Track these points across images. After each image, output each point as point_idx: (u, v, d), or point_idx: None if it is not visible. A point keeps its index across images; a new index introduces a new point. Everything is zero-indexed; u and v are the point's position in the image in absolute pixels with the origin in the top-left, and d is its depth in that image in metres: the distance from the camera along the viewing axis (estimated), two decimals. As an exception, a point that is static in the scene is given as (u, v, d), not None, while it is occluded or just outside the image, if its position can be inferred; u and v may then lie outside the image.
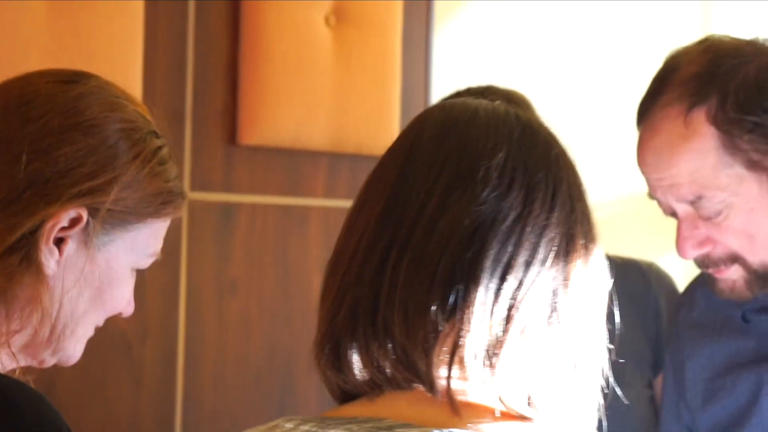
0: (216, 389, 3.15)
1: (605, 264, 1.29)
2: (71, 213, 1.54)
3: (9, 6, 3.04)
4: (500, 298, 1.17)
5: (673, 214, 2.01)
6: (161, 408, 3.22)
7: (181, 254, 3.38)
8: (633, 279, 2.53)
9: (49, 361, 1.63)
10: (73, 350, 1.64)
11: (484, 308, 1.17)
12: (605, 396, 2.41)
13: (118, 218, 1.58)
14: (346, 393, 1.25)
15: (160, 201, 1.61)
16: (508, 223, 1.19)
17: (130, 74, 3.20)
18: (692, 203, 1.96)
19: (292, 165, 3.45)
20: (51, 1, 3.09)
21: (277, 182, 3.45)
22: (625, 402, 2.34)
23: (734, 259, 1.99)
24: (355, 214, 1.25)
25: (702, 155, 1.92)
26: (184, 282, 3.39)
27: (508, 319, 1.18)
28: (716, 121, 1.89)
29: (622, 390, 2.31)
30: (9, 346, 1.55)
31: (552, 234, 1.20)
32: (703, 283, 2.13)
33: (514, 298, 1.18)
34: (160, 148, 1.60)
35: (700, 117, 1.89)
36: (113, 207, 1.56)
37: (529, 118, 1.28)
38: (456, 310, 1.17)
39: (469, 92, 2.47)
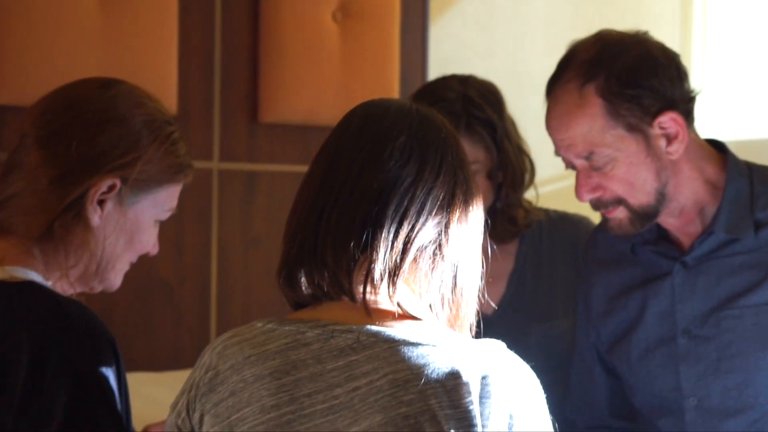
0: (244, 324, 3.40)
1: (480, 215, 1.64)
2: (108, 182, 1.88)
3: (68, 10, 3.36)
4: (398, 238, 1.53)
5: (573, 166, 2.26)
6: (198, 341, 3.43)
7: (213, 214, 3.60)
8: (568, 230, 2.71)
9: (97, 288, 1.96)
10: (114, 279, 1.97)
11: (387, 244, 1.53)
12: (545, 327, 2.67)
13: (143, 184, 1.92)
14: (298, 304, 1.60)
15: (173, 171, 1.95)
16: (405, 186, 1.55)
17: (168, 67, 3.42)
18: (586, 158, 2.22)
19: (305, 138, 3.66)
20: (103, 8, 3.40)
21: (292, 153, 3.66)
22: (557, 330, 2.66)
23: (619, 201, 2.23)
24: (305, 181, 1.61)
25: (592, 120, 2.19)
26: (215, 237, 3.62)
27: (404, 251, 1.53)
28: (603, 94, 2.17)
29: (557, 321, 2.63)
30: (68, 277, 1.90)
31: (437, 192, 1.56)
32: (603, 228, 2.38)
33: (407, 237, 1.53)
34: (172, 132, 1.94)
35: (590, 91, 2.18)
36: (138, 177, 1.90)
37: (428, 111, 1.64)
38: (368, 246, 1.53)
39: (454, 78, 2.67)
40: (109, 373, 1.77)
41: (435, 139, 1.60)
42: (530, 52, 2.44)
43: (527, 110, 3.20)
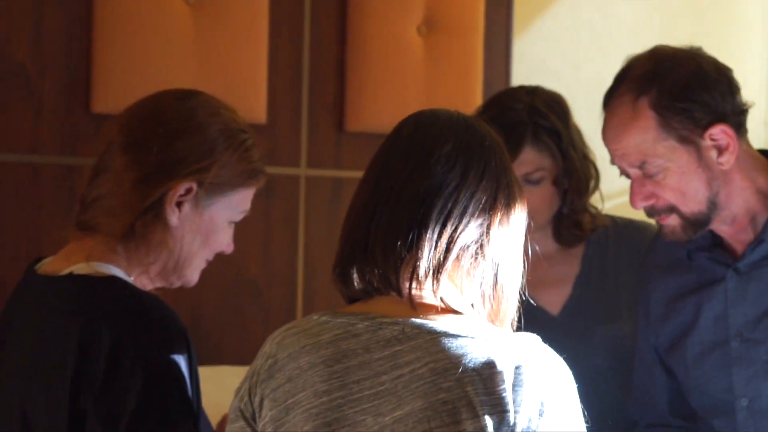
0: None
1: (523, 218, 1.74)
2: (186, 185, 1.99)
3: (163, 22, 3.50)
4: (442, 237, 1.64)
5: (627, 175, 2.34)
6: (285, 342, 3.59)
7: (299, 219, 3.71)
8: (634, 235, 2.75)
9: (176, 283, 2.07)
10: (191, 276, 2.08)
11: (431, 244, 1.63)
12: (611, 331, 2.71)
13: (217, 188, 2.02)
14: (350, 298, 1.72)
15: (246, 176, 2.05)
16: (449, 190, 1.65)
17: (258, 78, 3.56)
18: (639, 167, 2.29)
19: (389, 147, 3.83)
20: (195, 20, 3.54)
21: None
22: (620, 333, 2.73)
23: (671, 209, 2.30)
24: (359, 186, 1.73)
25: (644, 132, 2.27)
26: (302, 241, 3.73)
27: (447, 250, 1.64)
28: (655, 107, 2.25)
29: (620, 323, 2.70)
30: (148, 273, 2.02)
31: (480, 196, 1.66)
32: (663, 237, 2.42)
33: (451, 237, 1.64)
34: (246, 140, 2.04)
35: (644, 104, 2.26)
36: (213, 180, 2.00)
37: (475, 121, 1.74)
38: (414, 245, 1.64)
39: (522, 89, 2.75)
40: (181, 361, 1.87)
41: (479, 146, 1.70)
42: (615, 66, 2.50)
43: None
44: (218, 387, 2.27)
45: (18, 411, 1.95)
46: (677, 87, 2.27)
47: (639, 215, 2.68)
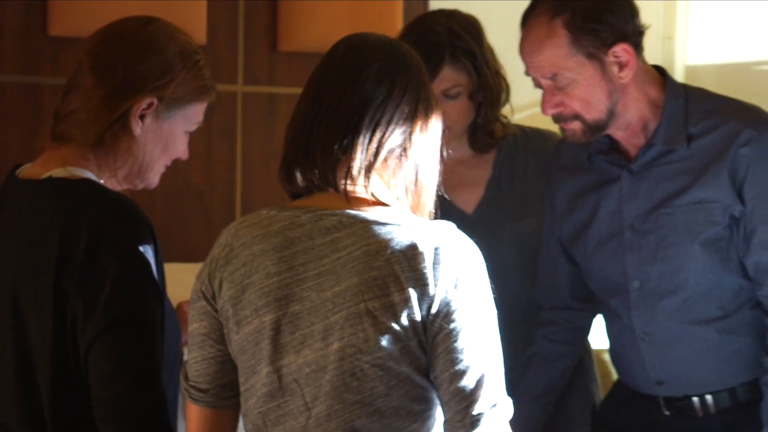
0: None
1: (439, 126, 1.93)
2: (148, 100, 2.14)
3: None
4: (372, 142, 1.84)
5: (540, 85, 2.49)
6: (225, 240, 3.73)
7: (237, 131, 3.87)
8: (540, 142, 2.91)
9: (139, 186, 2.23)
10: (153, 179, 2.24)
11: (363, 147, 1.83)
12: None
13: (175, 102, 2.18)
14: (295, 195, 1.91)
15: (200, 91, 2.21)
16: (378, 102, 1.85)
17: (197, 4, 3.65)
18: (551, 79, 2.45)
19: (319, 64, 3.95)
20: None
21: (307, 77, 3.96)
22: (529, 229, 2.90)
23: (576, 116, 2.47)
24: (300, 100, 1.91)
25: (557, 48, 2.43)
26: (240, 151, 3.88)
27: (376, 153, 1.84)
28: (568, 27, 2.41)
29: (527, 219, 2.91)
30: (116, 177, 2.18)
31: (403, 107, 1.86)
32: (565, 140, 2.60)
33: (379, 141, 1.84)
34: (199, 60, 2.20)
35: (558, 24, 2.42)
36: (172, 96, 2.16)
37: (398, 43, 1.93)
38: (348, 149, 1.84)
39: (441, 12, 2.88)
40: (149, 250, 2.04)
41: (403, 65, 1.90)
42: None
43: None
44: (168, 281, 2.44)
45: (9, 295, 2.11)
46: (588, 10, 2.42)
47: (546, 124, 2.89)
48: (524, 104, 3.02)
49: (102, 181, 2.18)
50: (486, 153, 2.96)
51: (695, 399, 2.59)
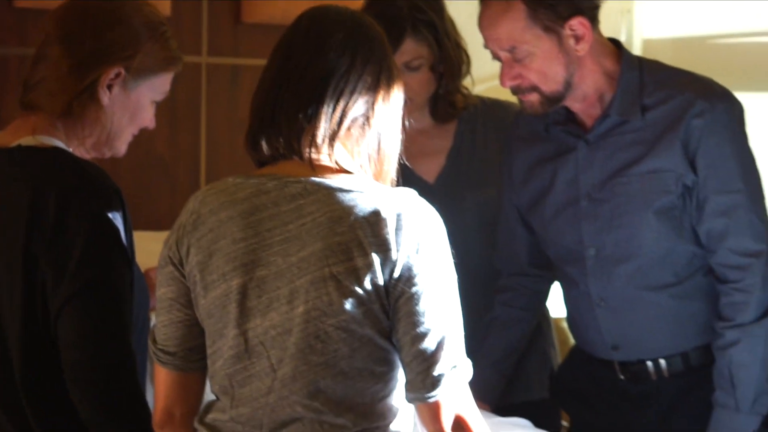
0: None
1: (400, 96, 1.96)
2: (115, 70, 2.19)
3: None
4: (335, 111, 1.87)
5: (498, 58, 2.52)
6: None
7: (202, 102, 3.89)
8: (499, 112, 2.95)
9: (107, 154, 2.27)
10: (120, 147, 2.28)
11: (327, 116, 1.87)
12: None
13: (142, 72, 2.22)
14: (261, 163, 1.94)
15: (166, 62, 2.25)
16: (341, 72, 1.88)
17: None
18: (509, 51, 2.48)
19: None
20: None
21: (270, 49, 4.00)
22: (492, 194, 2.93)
23: (534, 88, 2.50)
24: (265, 70, 1.94)
25: (515, 21, 2.45)
26: (204, 121, 3.90)
27: (340, 122, 1.88)
28: (525, 0, 2.44)
29: (487, 188, 2.94)
30: (84, 145, 2.22)
31: (366, 77, 1.89)
32: (523, 111, 2.61)
33: (343, 110, 1.88)
34: (165, 32, 2.23)
35: None
36: (138, 66, 2.20)
37: (361, 14, 1.96)
38: (312, 118, 1.87)
39: None
40: (117, 216, 2.09)
41: (365, 37, 1.94)
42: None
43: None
44: (136, 248, 2.47)
45: None
46: None
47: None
48: (485, 76, 3.05)
49: (71, 150, 2.21)
50: (447, 123, 3.01)
51: (649, 363, 2.64)
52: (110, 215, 2.09)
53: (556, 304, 3.01)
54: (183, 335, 1.97)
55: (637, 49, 4.84)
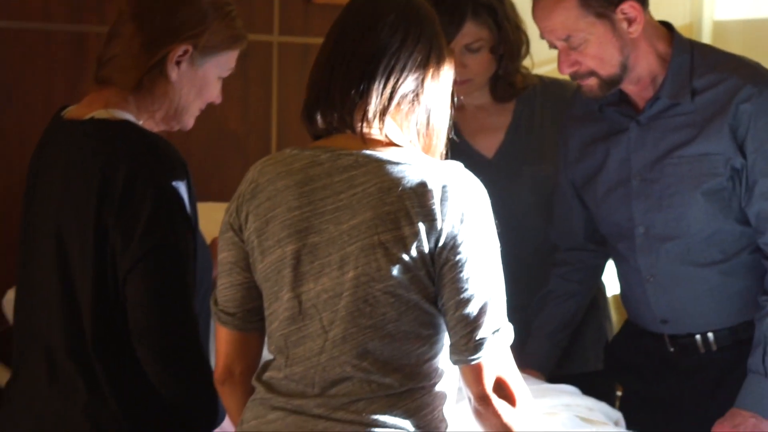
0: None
1: (450, 74, 2.02)
2: (184, 47, 2.26)
3: None
4: (386, 87, 1.94)
5: (555, 47, 2.57)
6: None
7: (273, 79, 3.94)
8: (558, 91, 3.01)
9: (175, 127, 2.35)
10: (188, 121, 2.35)
11: (378, 92, 1.94)
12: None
13: (209, 50, 2.29)
14: (315, 136, 2.02)
15: (232, 40, 2.32)
16: (392, 50, 1.95)
17: None
18: (564, 40, 2.53)
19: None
20: None
21: None
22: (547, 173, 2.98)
23: (592, 73, 2.55)
24: (321, 47, 2.02)
25: (568, 10, 2.51)
26: (276, 98, 3.96)
27: (390, 98, 1.94)
28: None
29: (544, 165, 3.01)
30: (153, 119, 2.30)
31: (416, 56, 1.96)
32: (579, 91, 2.68)
33: (393, 87, 1.94)
34: (231, 11, 2.30)
35: None
36: (206, 44, 2.27)
37: None
38: (364, 94, 1.94)
39: None
40: (182, 186, 2.17)
41: (416, 16, 2.00)
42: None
43: None
44: (207, 219, 2.53)
45: (54, 230, 2.24)
46: None
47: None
48: (546, 59, 3.10)
49: (140, 123, 2.29)
50: (506, 102, 3.07)
51: (698, 336, 2.70)
52: (175, 185, 2.17)
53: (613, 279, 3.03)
54: (242, 297, 2.05)
55: (707, 31, 4.83)
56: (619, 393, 3.09)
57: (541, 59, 3.14)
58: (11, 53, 3.74)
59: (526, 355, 2.88)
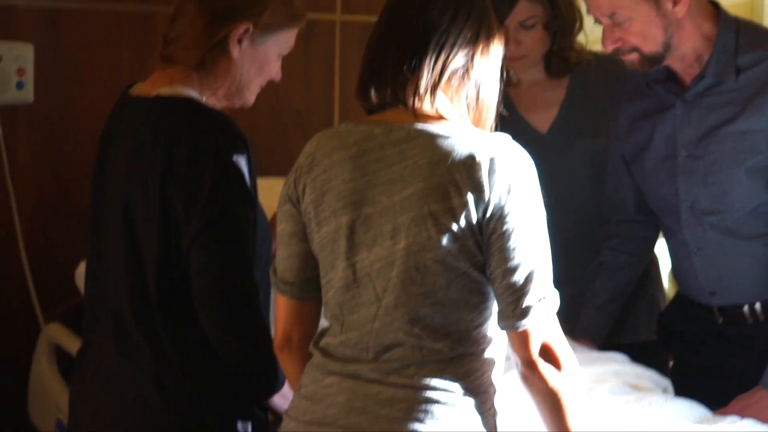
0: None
1: (499, 50, 2.06)
2: (245, 26, 2.31)
3: None
4: (437, 63, 1.98)
5: (600, 22, 2.59)
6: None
7: (335, 58, 3.99)
8: (612, 66, 2.96)
9: (237, 104, 2.40)
10: (249, 98, 2.41)
11: (429, 68, 1.98)
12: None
13: (269, 28, 2.34)
14: (369, 111, 2.07)
15: (290, 19, 2.37)
16: (443, 27, 1.99)
17: None
18: (609, 17, 2.55)
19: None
20: None
21: None
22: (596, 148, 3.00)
23: (634, 49, 2.58)
24: (375, 26, 2.06)
25: None
26: (338, 76, 4.01)
27: (441, 73, 1.98)
28: None
29: (597, 139, 3.04)
30: (216, 96, 2.35)
31: (466, 33, 2.00)
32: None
33: (444, 63, 1.98)
34: None
35: None
36: (266, 22, 2.33)
37: None
38: (416, 69, 1.98)
39: None
40: (243, 160, 2.23)
41: None
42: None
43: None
44: (270, 193, 2.56)
45: (121, 203, 2.32)
46: None
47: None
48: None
49: (203, 99, 2.35)
50: (561, 78, 3.11)
51: (745, 307, 2.73)
52: (236, 159, 2.23)
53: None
54: (300, 267, 2.11)
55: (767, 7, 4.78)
56: (671, 363, 3.11)
57: (597, 36, 3.15)
58: (82, 33, 3.82)
59: (579, 326, 2.92)
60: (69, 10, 3.79)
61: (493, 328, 2.03)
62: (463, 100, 2.03)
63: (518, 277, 1.95)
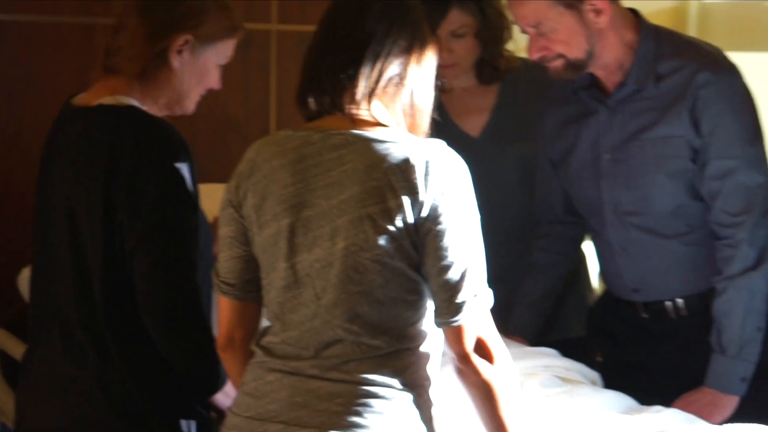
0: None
1: (433, 58, 2.09)
2: (185, 38, 2.34)
3: None
4: (373, 71, 2.01)
5: (526, 32, 2.63)
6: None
7: (272, 66, 4.01)
8: (540, 72, 2.82)
9: (177, 112, 2.42)
10: (189, 106, 2.43)
11: (365, 76, 2.01)
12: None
13: (209, 39, 2.37)
14: (308, 118, 2.09)
15: (229, 30, 2.40)
16: (378, 37, 2.03)
17: None
18: (535, 27, 2.59)
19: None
20: None
21: None
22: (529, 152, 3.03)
23: (559, 56, 2.61)
24: (314, 35, 2.10)
25: (538, 0, 2.57)
26: (274, 85, 4.03)
27: (377, 81, 2.02)
28: None
29: (527, 143, 2.98)
30: (157, 104, 2.38)
31: (401, 42, 2.04)
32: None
33: (380, 71, 2.02)
34: (228, 3, 2.39)
35: None
36: (205, 34, 2.36)
37: None
38: (353, 78, 2.02)
39: None
40: (184, 167, 2.26)
41: (401, 6, 2.08)
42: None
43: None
44: (209, 198, 2.56)
45: (66, 210, 2.33)
46: None
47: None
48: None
49: (145, 108, 2.37)
50: (491, 84, 3.16)
51: (668, 303, 2.79)
52: (178, 166, 2.25)
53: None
54: (241, 269, 2.14)
55: (693, 15, 4.86)
56: (599, 359, 3.15)
57: (526, 44, 3.20)
58: (24, 45, 3.83)
59: (512, 324, 2.97)
60: (11, 22, 3.80)
61: (428, 325, 2.07)
62: (398, 107, 2.07)
63: (452, 275, 1.99)
